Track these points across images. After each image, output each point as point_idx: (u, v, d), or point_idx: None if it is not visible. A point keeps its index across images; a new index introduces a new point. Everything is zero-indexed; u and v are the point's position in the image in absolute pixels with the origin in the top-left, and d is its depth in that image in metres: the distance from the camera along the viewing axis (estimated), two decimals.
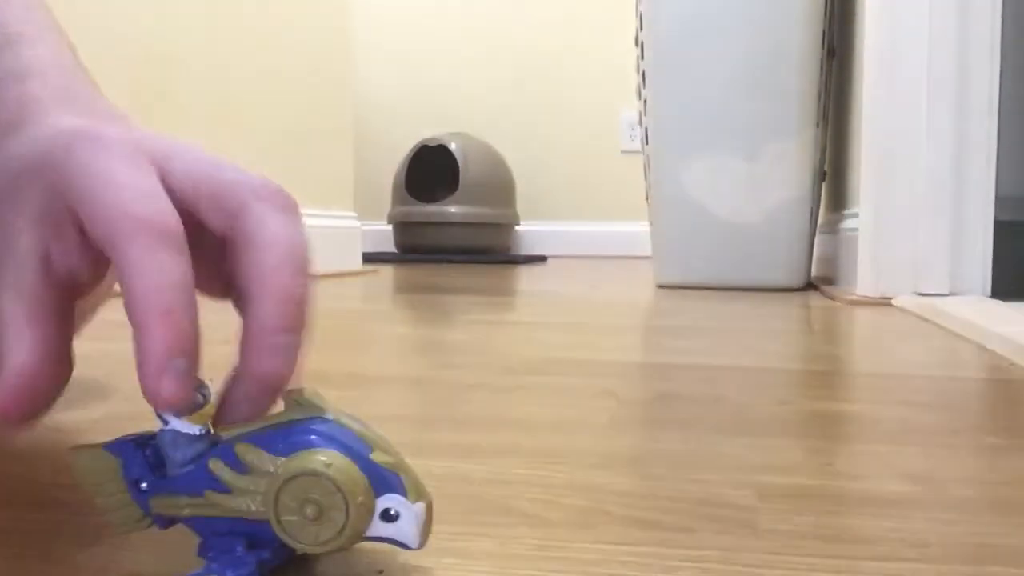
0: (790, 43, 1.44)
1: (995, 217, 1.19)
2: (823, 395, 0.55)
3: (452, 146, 2.80)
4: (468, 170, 2.79)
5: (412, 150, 2.87)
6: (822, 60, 1.46)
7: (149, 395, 0.23)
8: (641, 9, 1.52)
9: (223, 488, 0.24)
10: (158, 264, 0.24)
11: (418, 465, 0.25)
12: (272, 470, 0.24)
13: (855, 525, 0.30)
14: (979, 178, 1.19)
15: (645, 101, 1.56)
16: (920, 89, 1.20)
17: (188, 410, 0.24)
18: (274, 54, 1.70)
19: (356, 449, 0.24)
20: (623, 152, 2.99)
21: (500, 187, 2.91)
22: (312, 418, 0.24)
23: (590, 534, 0.29)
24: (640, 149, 1.65)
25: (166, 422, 0.25)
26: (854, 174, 1.38)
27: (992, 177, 1.19)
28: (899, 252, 1.21)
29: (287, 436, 0.24)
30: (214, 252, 0.27)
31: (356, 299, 1.31)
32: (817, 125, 1.47)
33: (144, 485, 0.25)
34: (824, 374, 0.63)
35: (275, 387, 0.25)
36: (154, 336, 0.23)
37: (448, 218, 2.79)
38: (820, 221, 1.69)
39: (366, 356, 0.72)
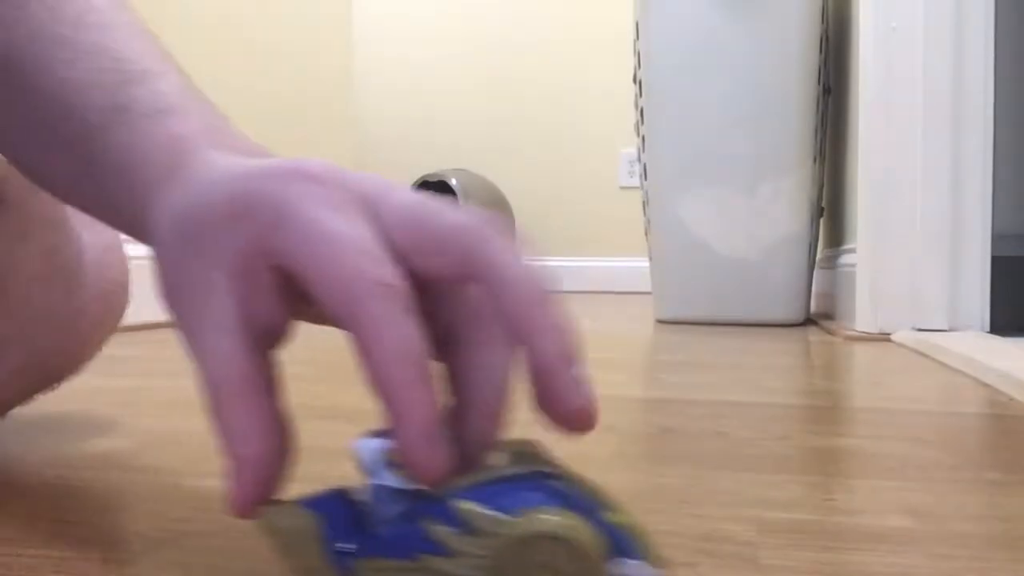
0: (786, 81, 1.46)
1: (992, 253, 1.20)
2: (823, 430, 0.55)
3: (452, 181, 2.82)
4: (469, 205, 2.81)
5: (413, 185, 2.89)
6: (818, 97, 1.48)
7: (419, 469, 0.22)
8: (639, 48, 1.55)
9: (442, 551, 0.21)
10: (401, 331, 0.22)
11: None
12: (500, 531, 0.21)
13: (855, 561, 0.30)
14: (976, 214, 1.20)
15: (644, 138, 1.58)
16: (916, 127, 1.21)
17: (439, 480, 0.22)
18: (278, 88, 1.72)
19: (589, 508, 0.22)
20: (622, 188, 3.01)
21: (500, 223, 2.93)
22: (536, 472, 0.22)
23: None
24: (639, 185, 1.67)
25: (373, 474, 0.23)
26: (851, 210, 1.39)
27: (988, 213, 1.20)
28: (897, 288, 1.22)
29: (513, 493, 0.22)
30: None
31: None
32: (815, 161, 1.49)
33: (351, 547, 0.22)
34: (823, 409, 0.63)
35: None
36: (416, 407, 0.22)
37: None
38: (819, 257, 1.70)
39: (344, 392, 0.73)
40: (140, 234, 0.28)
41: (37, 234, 0.41)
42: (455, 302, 0.26)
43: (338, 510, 0.23)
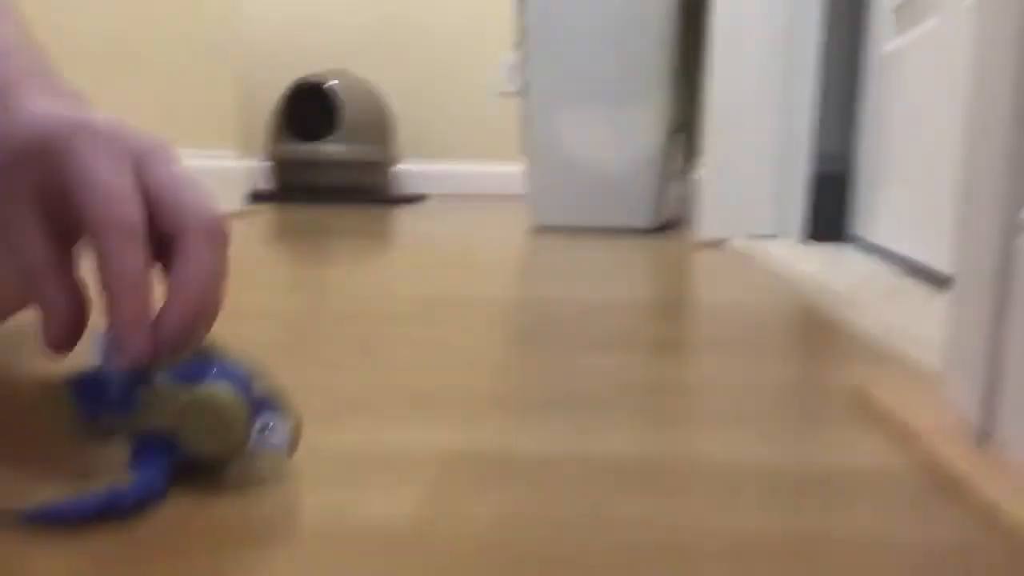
0: (653, 8, 1.60)
1: (814, 170, 1.42)
2: (663, 321, 0.72)
3: (331, 83, 2.84)
4: (347, 109, 2.84)
5: (290, 87, 2.88)
6: (680, 27, 1.63)
7: (126, 349, 0.33)
8: None
9: (145, 409, 0.32)
10: (128, 255, 0.33)
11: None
12: (178, 395, 0.32)
13: (667, 406, 0.47)
14: (802, 135, 1.40)
15: (525, 53, 1.69)
16: (757, 57, 1.39)
17: (147, 363, 0.33)
18: None
19: (240, 379, 0.33)
20: (501, 94, 3.11)
21: (379, 126, 2.98)
22: (212, 359, 0.34)
23: (496, 414, 0.44)
24: (516, 92, 1.78)
25: (108, 360, 0.33)
26: (704, 129, 1.57)
27: (813, 135, 1.41)
28: (734, 199, 1.42)
29: (189, 370, 0.33)
30: (162, 239, 0.35)
31: (242, 241, 1.39)
32: (677, 83, 1.66)
33: (93, 407, 0.33)
34: (663, 305, 0.81)
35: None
36: (126, 307, 0.33)
37: (328, 156, 2.84)
38: (681, 168, 1.89)
39: (250, 293, 0.84)
40: None
41: None
42: (174, 272, 0.35)
43: (88, 382, 0.34)
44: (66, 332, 0.35)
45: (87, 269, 0.36)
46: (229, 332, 0.60)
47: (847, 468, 0.37)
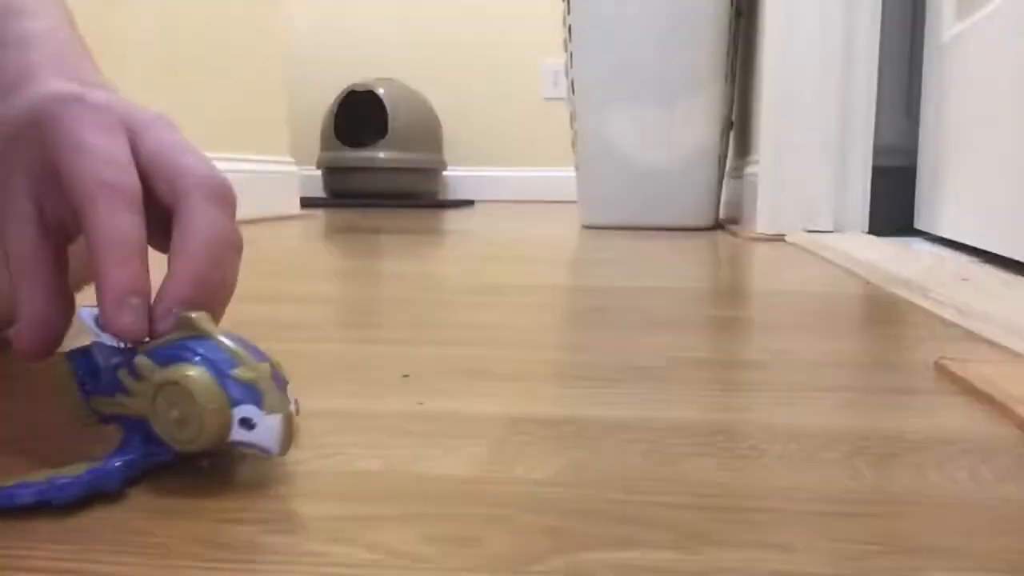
0: (702, 3, 1.57)
1: (873, 164, 1.37)
2: (722, 305, 0.70)
3: (380, 91, 2.86)
4: (396, 116, 2.86)
5: (340, 95, 2.91)
6: (731, 20, 1.60)
7: (110, 327, 0.28)
8: None
9: (125, 391, 0.28)
10: (117, 221, 0.29)
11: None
12: (152, 378, 0.27)
13: (735, 377, 0.45)
14: (860, 129, 1.36)
15: (571, 54, 1.68)
16: (812, 50, 1.35)
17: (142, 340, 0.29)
18: (209, 9, 1.74)
19: (220, 364, 0.27)
20: (546, 99, 3.10)
21: (427, 132, 2.99)
22: (191, 337, 0.28)
23: (555, 384, 0.43)
24: (563, 96, 1.77)
25: (96, 335, 0.29)
26: (757, 125, 1.54)
27: (872, 128, 1.37)
28: (791, 194, 1.38)
29: (168, 351, 0.28)
30: (165, 214, 0.31)
31: (297, 238, 1.40)
32: (726, 80, 1.63)
33: (86, 387, 0.30)
34: (724, 292, 0.78)
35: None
36: (112, 279, 0.28)
37: (377, 163, 2.86)
38: (728, 167, 1.86)
39: (304, 282, 0.84)
40: None
41: None
42: (177, 240, 0.31)
43: (84, 360, 0.30)
44: (39, 338, 0.30)
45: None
46: (280, 315, 0.59)
47: (938, 434, 0.34)
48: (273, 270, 0.91)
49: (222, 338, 0.28)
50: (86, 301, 0.31)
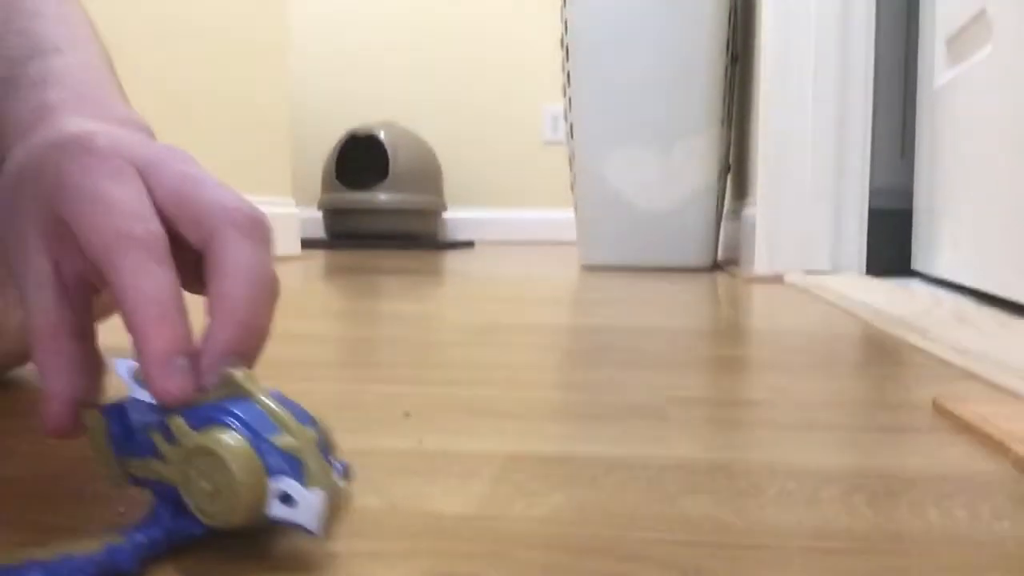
0: (698, 50, 1.60)
1: (869, 206, 1.39)
2: (721, 344, 0.70)
3: (381, 134, 2.89)
4: (397, 158, 2.89)
5: (342, 138, 2.94)
6: (727, 65, 1.63)
7: (157, 393, 0.25)
8: (566, 16, 1.67)
9: (159, 455, 0.25)
10: (147, 277, 0.26)
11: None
12: (184, 443, 0.24)
13: (735, 416, 0.45)
14: (856, 172, 1.38)
15: (570, 99, 1.71)
16: (807, 94, 1.38)
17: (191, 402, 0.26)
18: (215, 53, 1.77)
19: (260, 430, 0.24)
20: (546, 143, 3.13)
21: (428, 175, 3.02)
22: (230, 398, 0.25)
23: (555, 422, 0.43)
24: (562, 140, 1.79)
25: (132, 389, 0.27)
26: (754, 168, 1.56)
27: (867, 171, 1.38)
28: (789, 236, 1.39)
29: (204, 412, 0.25)
30: (194, 255, 0.29)
31: (298, 278, 1.41)
32: (723, 123, 1.65)
33: (119, 447, 0.27)
34: (722, 331, 0.79)
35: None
36: (153, 342, 0.25)
37: (377, 205, 2.88)
38: (725, 209, 1.87)
39: (304, 320, 0.84)
40: None
41: None
42: (215, 283, 0.28)
43: (120, 418, 0.27)
44: (65, 415, 0.28)
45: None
46: (281, 355, 0.59)
47: (936, 472, 0.35)
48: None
49: (265, 399, 0.25)
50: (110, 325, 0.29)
